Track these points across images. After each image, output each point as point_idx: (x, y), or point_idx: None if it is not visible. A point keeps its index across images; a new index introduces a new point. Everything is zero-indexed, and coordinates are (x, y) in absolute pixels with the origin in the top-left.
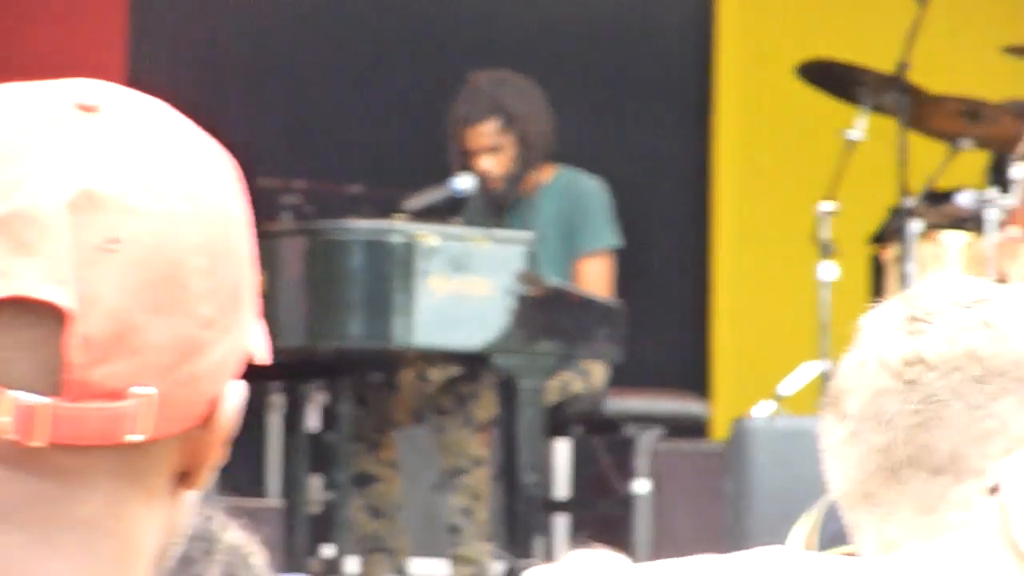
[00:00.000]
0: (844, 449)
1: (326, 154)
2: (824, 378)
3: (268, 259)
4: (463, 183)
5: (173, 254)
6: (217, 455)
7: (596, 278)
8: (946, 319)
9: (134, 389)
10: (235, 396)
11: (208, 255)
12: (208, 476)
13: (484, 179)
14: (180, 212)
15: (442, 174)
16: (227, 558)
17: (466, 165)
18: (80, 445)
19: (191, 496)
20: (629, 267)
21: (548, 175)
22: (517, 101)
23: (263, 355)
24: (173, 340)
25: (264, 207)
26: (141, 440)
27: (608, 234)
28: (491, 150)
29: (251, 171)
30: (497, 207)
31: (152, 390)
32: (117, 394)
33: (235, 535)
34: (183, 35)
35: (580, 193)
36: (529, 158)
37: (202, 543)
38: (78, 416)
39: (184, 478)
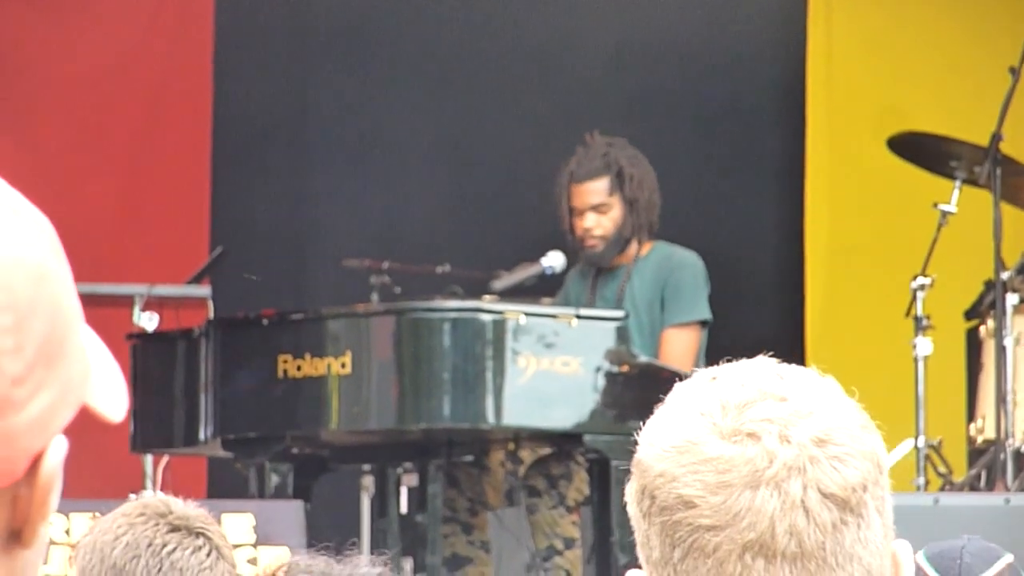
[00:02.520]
0: None
1: (414, 236)
2: (920, 454)
3: (357, 340)
4: (553, 260)
5: None
6: (46, 511)
7: (683, 349)
8: (846, 434)
9: None
10: (58, 451)
11: (12, 312)
12: (39, 533)
13: (584, 238)
14: None
15: (531, 254)
16: None
17: (571, 223)
18: None
19: (28, 556)
20: (721, 342)
21: (645, 249)
22: (630, 164)
23: (114, 412)
24: None
25: (353, 288)
26: None
27: (699, 307)
28: (598, 208)
29: (338, 252)
30: (590, 277)
31: None
32: None
33: None
34: (268, 111)
35: (675, 265)
36: (634, 223)
37: None
38: None
39: (13, 536)
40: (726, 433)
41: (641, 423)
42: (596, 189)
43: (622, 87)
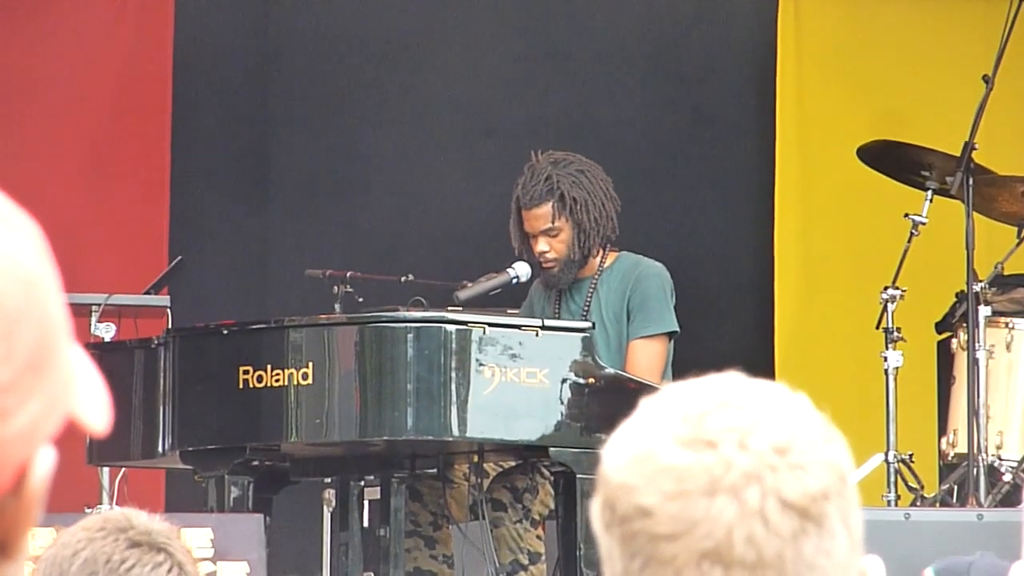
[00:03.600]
0: None
1: (378, 244)
2: (891, 468)
3: (319, 350)
4: (520, 270)
5: None
6: (31, 523)
7: (650, 361)
8: (807, 444)
9: None
10: (46, 462)
11: (1, 320)
12: (25, 545)
13: (541, 261)
14: None
15: (497, 264)
16: None
17: (526, 247)
18: None
19: (11, 568)
20: (690, 355)
21: (609, 259)
22: (573, 185)
23: (97, 422)
24: None
25: (315, 298)
26: None
27: (666, 319)
28: (547, 233)
29: (301, 263)
30: (554, 290)
31: None
32: None
33: None
34: (229, 119)
35: (641, 276)
36: (585, 242)
37: None
38: None
39: (0, 548)
40: (684, 441)
41: (607, 436)
42: (542, 215)
43: (589, 96)
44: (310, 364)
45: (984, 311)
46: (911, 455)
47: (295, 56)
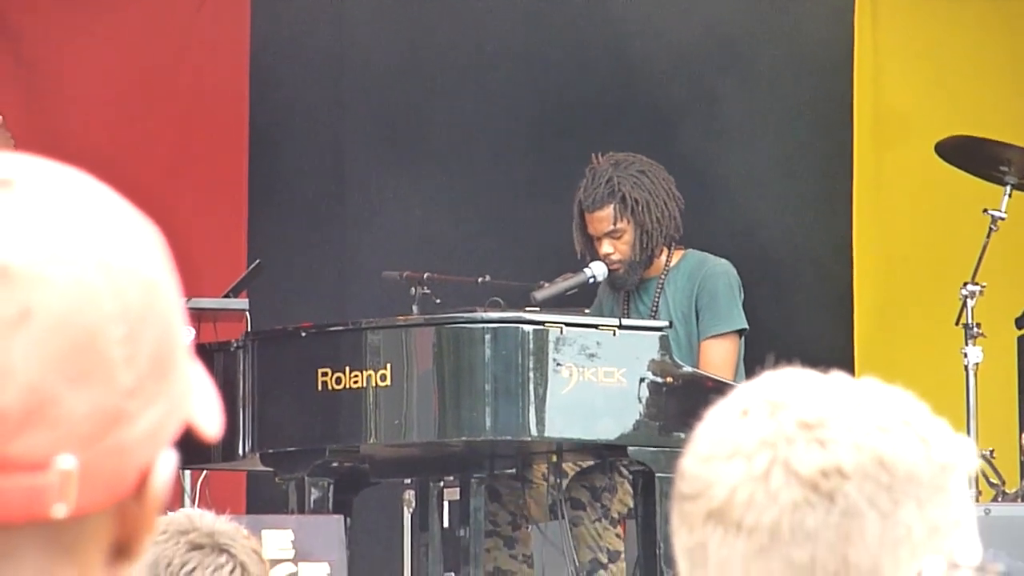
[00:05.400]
0: (753, 565)
1: (454, 246)
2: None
3: (397, 352)
4: (596, 270)
5: (88, 324)
6: (152, 526)
7: (723, 360)
8: (843, 425)
9: (55, 460)
10: (168, 466)
11: (126, 323)
12: (145, 547)
13: (606, 263)
14: (94, 281)
15: (574, 264)
16: None
17: (590, 250)
18: (3, 522)
19: (130, 570)
20: (769, 350)
21: (675, 258)
22: (633, 187)
23: (211, 427)
24: (93, 410)
25: (392, 300)
26: (67, 514)
27: (735, 316)
28: (611, 235)
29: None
30: (621, 291)
31: (73, 461)
32: (38, 466)
33: None
34: (305, 122)
35: (707, 275)
36: (648, 243)
37: None
38: None
39: (120, 550)
40: (732, 411)
41: (685, 434)
42: (604, 217)
43: (661, 94)
44: (388, 365)
45: None
46: (992, 451)
47: (369, 58)
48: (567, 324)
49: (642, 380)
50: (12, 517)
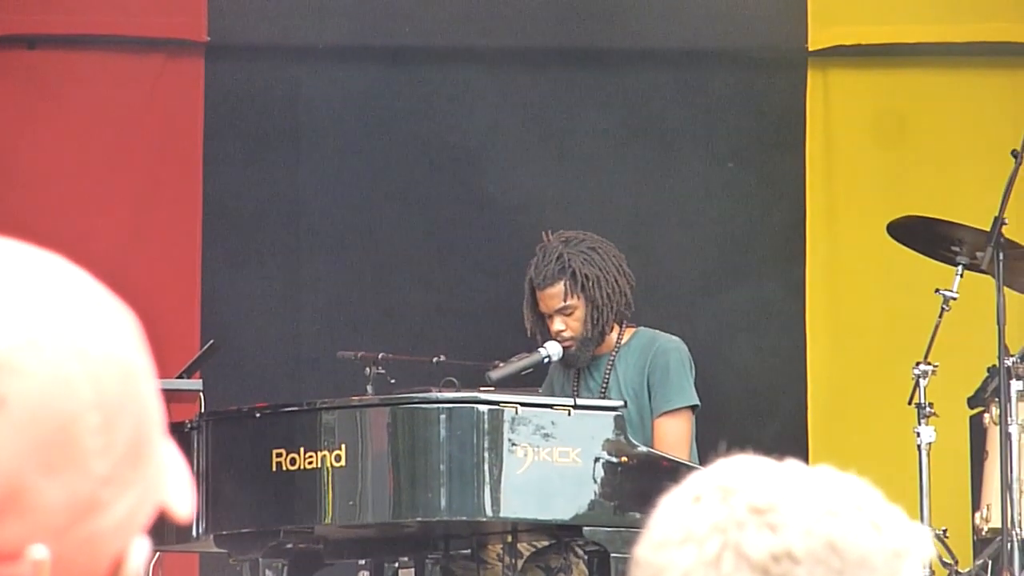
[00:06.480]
0: None
1: (409, 326)
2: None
3: (352, 432)
4: (551, 349)
5: (64, 413)
6: None
7: (677, 437)
8: (794, 510)
9: (28, 551)
10: (141, 552)
11: (102, 411)
12: None
13: (558, 341)
14: (71, 369)
15: (528, 344)
16: None
17: (542, 328)
18: None
19: None
20: (719, 431)
21: (626, 335)
22: (585, 261)
23: (183, 508)
24: (67, 500)
25: (347, 380)
26: None
27: (687, 392)
28: (562, 311)
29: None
30: (572, 369)
31: (46, 551)
32: (11, 556)
33: None
34: (259, 202)
35: (658, 351)
36: (600, 319)
37: None
38: None
39: None
40: (685, 498)
41: (641, 514)
42: (555, 294)
43: (614, 174)
44: (343, 446)
45: (1016, 385)
46: (945, 530)
47: (324, 132)
48: (522, 404)
49: (597, 460)
50: None
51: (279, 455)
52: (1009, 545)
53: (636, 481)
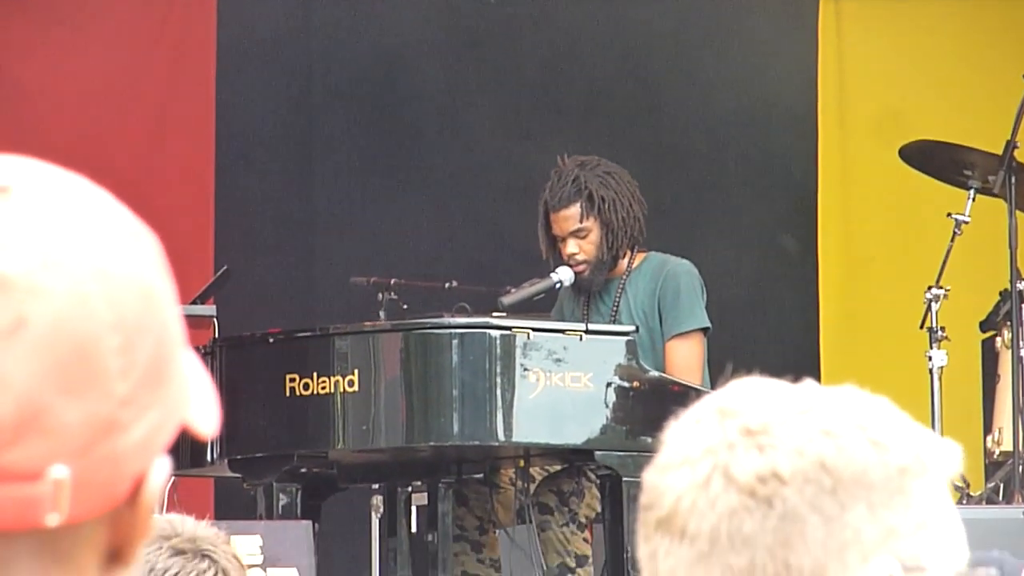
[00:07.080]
0: (695, 572)
1: (421, 251)
2: None
3: (364, 357)
4: (563, 275)
5: (83, 333)
6: (146, 532)
7: (689, 360)
8: (786, 430)
9: (49, 470)
10: (162, 473)
11: (122, 333)
12: (139, 553)
13: (571, 264)
14: (89, 290)
15: (541, 269)
16: None
17: (555, 251)
18: None
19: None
20: (734, 356)
21: (637, 260)
22: (600, 185)
23: (208, 427)
24: (87, 420)
25: (360, 305)
26: (60, 523)
27: (698, 315)
28: (576, 234)
29: (346, 270)
30: (583, 293)
31: (66, 471)
32: (32, 476)
33: None
34: (272, 129)
35: (669, 274)
36: (614, 242)
37: None
38: None
39: (114, 557)
40: (692, 423)
41: (652, 439)
42: (570, 216)
43: (627, 102)
44: (356, 371)
45: None
46: None
47: (338, 63)
48: (534, 329)
49: (609, 385)
50: (6, 526)
51: (292, 380)
52: (1021, 468)
53: (647, 405)
